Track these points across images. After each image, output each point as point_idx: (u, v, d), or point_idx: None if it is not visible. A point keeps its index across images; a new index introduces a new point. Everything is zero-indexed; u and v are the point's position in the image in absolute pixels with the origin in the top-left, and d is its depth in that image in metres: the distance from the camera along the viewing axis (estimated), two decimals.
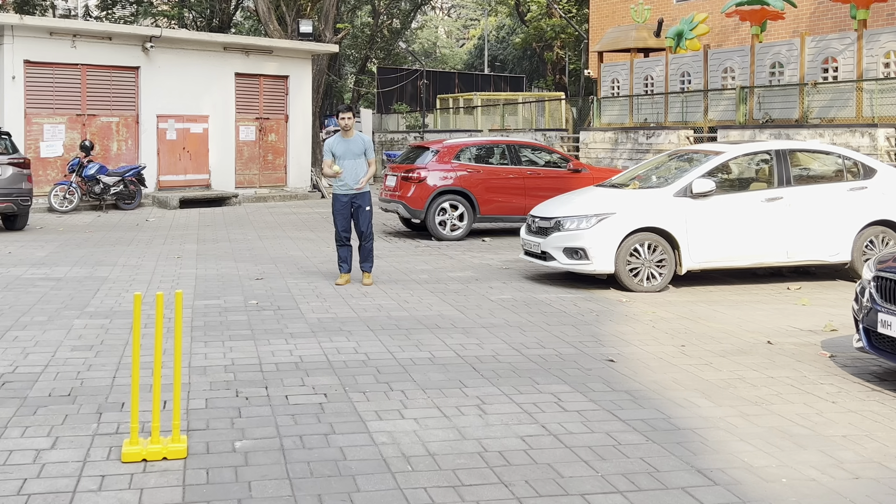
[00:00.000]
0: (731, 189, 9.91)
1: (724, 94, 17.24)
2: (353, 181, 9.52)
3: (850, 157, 10.09)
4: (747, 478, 4.22)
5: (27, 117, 19.10)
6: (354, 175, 9.53)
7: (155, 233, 14.76)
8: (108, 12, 35.80)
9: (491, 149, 14.98)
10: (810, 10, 19.61)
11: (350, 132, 9.56)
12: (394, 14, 45.81)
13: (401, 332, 7.29)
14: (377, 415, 5.10)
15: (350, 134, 9.56)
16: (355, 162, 9.55)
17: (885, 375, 6.10)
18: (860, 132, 13.46)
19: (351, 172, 9.54)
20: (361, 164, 9.58)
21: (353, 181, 9.52)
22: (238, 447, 4.55)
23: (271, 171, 23.03)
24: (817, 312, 8.30)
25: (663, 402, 5.39)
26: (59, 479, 4.11)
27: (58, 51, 19.39)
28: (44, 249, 12.31)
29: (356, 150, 9.54)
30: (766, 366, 6.25)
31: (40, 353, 6.47)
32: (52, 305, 8.28)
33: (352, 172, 9.54)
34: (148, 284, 9.57)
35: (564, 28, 37.59)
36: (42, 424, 4.87)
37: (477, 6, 58.71)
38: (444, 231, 14.00)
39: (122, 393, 5.46)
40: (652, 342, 7.01)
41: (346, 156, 9.54)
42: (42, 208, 17.75)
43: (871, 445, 4.68)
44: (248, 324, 7.59)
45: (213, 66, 21.62)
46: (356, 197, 9.59)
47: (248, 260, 11.57)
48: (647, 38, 20.79)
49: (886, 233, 9.81)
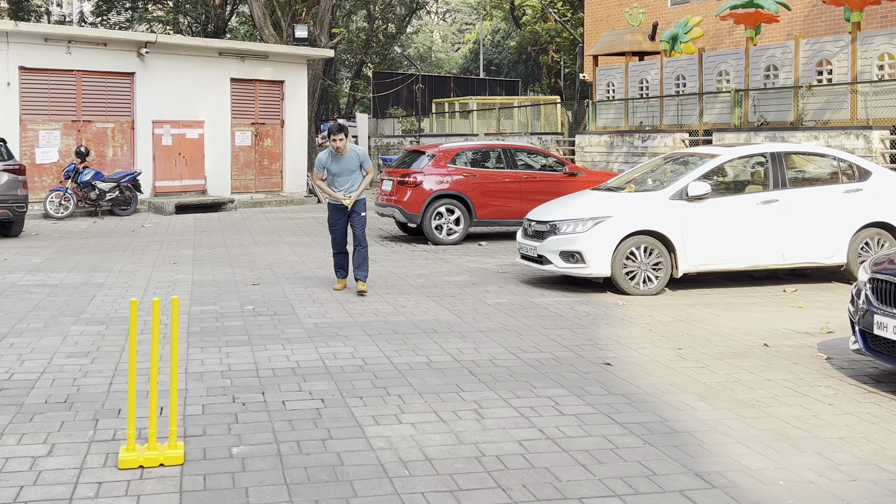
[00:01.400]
0: (727, 192, 9.93)
1: (719, 97, 17.28)
2: (350, 193, 9.43)
3: (845, 160, 10.12)
4: (745, 480, 4.22)
5: (22, 123, 19.08)
6: (351, 189, 9.46)
7: (151, 239, 14.74)
8: (103, 18, 35.80)
9: (487, 153, 14.99)
10: (804, 13, 19.67)
11: (344, 150, 9.36)
12: (389, 19, 45.84)
13: (398, 336, 7.29)
14: (374, 420, 5.09)
15: (344, 152, 9.36)
16: (351, 177, 9.46)
17: (881, 377, 6.11)
18: (855, 134, 13.49)
19: (348, 187, 9.45)
20: (358, 178, 9.50)
21: (350, 193, 9.43)
22: (235, 453, 4.54)
23: (267, 176, 23.02)
24: (813, 315, 8.31)
25: (660, 406, 5.39)
26: (56, 487, 4.10)
27: (53, 57, 19.38)
28: (39, 256, 12.29)
29: (351, 167, 9.41)
30: (762, 368, 6.26)
31: (36, 359, 6.45)
32: (48, 312, 8.26)
33: (349, 187, 9.46)
34: (144, 290, 9.56)
35: (559, 32, 37.65)
36: (38, 431, 4.86)
37: (472, 10, 58.82)
38: (441, 235, 14.00)
39: (118, 399, 5.45)
40: (649, 345, 7.02)
41: (342, 173, 9.40)
42: (38, 215, 17.72)
43: (868, 447, 4.68)
44: (244, 329, 7.58)
45: (208, 71, 21.61)
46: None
47: (245, 265, 11.56)
48: (641, 41, 20.84)
49: (882, 235, 9.83)
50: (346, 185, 9.43)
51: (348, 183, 9.43)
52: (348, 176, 9.42)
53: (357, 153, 9.43)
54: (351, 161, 9.38)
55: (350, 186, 9.43)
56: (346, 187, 9.43)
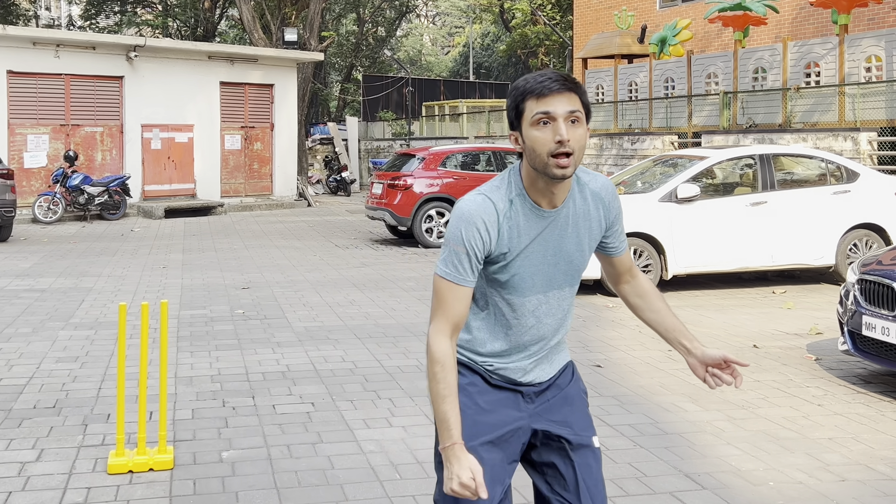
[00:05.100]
0: (716, 194, 9.96)
1: (708, 99, 17.34)
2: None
3: (833, 161, 10.17)
4: (735, 482, 4.23)
5: (10, 128, 19.00)
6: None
7: (140, 243, 14.69)
8: (92, 22, 35.70)
9: (477, 155, 15.00)
10: (792, 16, 19.76)
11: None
12: (379, 22, 45.84)
13: (388, 339, 7.28)
14: (365, 423, 5.08)
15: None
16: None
17: (869, 378, 6.14)
18: (843, 136, 13.55)
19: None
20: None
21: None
22: (225, 457, 4.53)
23: (257, 180, 22.98)
24: (802, 316, 8.34)
25: (650, 407, 5.41)
26: (45, 492, 4.08)
27: (41, 61, 19.31)
28: (28, 260, 12.23)
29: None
30: (752, 370, 6.28)
31: (25, 364, 6.42)
32: (37, 317, 8.22)
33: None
34: (133, 295, 9.52)
35: (549, 35, 37.73)
36: (27, 437, 4.83)
37: (461, 14, 58.88)
38: (431, 238, 14.00)
39: (107, 404, 5.43)
40: (639, 347, 7.03)
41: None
42: (26, 219, 17.64)
43: (857, 447, 4.70)
44: (234, 333, 7.56)
45: (197, 74, 21.57)
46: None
47: (235, 269, 11.53)
48: (630, 44, 20.89)
49: (870, 236, 9.88)
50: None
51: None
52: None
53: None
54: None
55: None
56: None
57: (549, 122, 2.20)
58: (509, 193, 2.29)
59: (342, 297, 9.39)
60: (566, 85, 2.21)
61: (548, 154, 2.19)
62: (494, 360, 2.39)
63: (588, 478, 2.40)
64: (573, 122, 2.20)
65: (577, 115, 2.20)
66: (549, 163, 2.19)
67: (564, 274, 2.38)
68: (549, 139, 2.18)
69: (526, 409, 2.41)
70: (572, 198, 2.34)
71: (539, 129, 2.20)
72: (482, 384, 2.40)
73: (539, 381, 2.43)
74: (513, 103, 2.26)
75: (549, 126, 2.19)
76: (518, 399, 2.41)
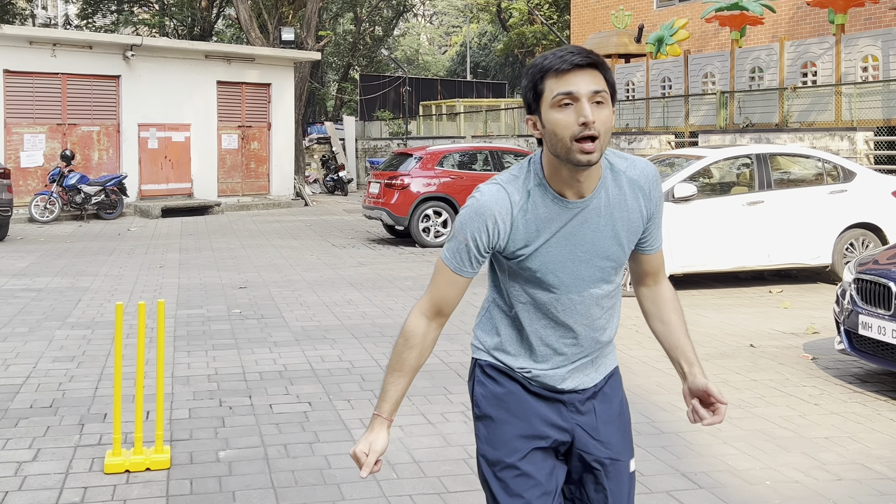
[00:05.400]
0: (713, 193, 9.97)
1: (705, 98, 17.35)
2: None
3: (829, 161, 10.18)
4: (731, 481, 4.23)
5: (7, 127, 18.96)
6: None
7: (137, 242, 14.68)
8: (89, 21, 35.67)
9: (474, 155, 15.00)
10: (789, 15, 19.78)
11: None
12: (376, 21, 45.83)
13: (385, 339, 7.28)
14: (362, 423, 5.08)
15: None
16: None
17: (866, 377, 6.14)
18: (839, 136, 13.57)
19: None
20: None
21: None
22: (222, 457, 4.53)
23: (254, 180, 22.96)
24: (799, 315, 8.35)
25: (647, 407, 5.41)
26: (41, 492, 4.07)
27: (38, 60, 19.27)
28: (24, 260, 12.21)
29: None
30: (748, 369, 6.28)
31: (21, 364, 6.41)
32: (34, 316, 8.21)
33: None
34: (130, 294, 9.51)
35: (546, 34, 37.74)
36: (24, 436, 4.82)
37: (459, 13, 58.86)
38: (428, 238, 14.00)
39: (104, 404, 5.42)
40: (636, 346, 7.03)
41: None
42: (22, 219, 17.61)
43: (854, 447, 4.71)
44: (231, 333, 7.55)
45: (194, 74, 21.54)
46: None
47: (231, 269, 11.52)
48: (627, 43, 20.90)
49: (866, 235, 9.89)
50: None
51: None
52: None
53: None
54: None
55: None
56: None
57: (571, 104, 2.00)
58: (527, 184, 2.11)
59: (339, 296, 9.38)
60: (589, 59, 2.01)
61: (571, 138, 1.99)
62: (531, 366, 2.25)
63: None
64: (598, 102, 2.00)
65: (603, 95, 2.00)
66: (573, 148, 1.99)
67: (601, 270, 2.17)
68: (571, 121, 1.99)
69: (569, 420, 2.26)
70: (604, 186, 2.12)
71: (561, 110, 2.00)
72: (521, 392, 2.26)
73: (583, 388, 2.26)
74: (530, 83, 2.07)
75: (571, 107, 1.99)
76: (560, 408, 2.26)
